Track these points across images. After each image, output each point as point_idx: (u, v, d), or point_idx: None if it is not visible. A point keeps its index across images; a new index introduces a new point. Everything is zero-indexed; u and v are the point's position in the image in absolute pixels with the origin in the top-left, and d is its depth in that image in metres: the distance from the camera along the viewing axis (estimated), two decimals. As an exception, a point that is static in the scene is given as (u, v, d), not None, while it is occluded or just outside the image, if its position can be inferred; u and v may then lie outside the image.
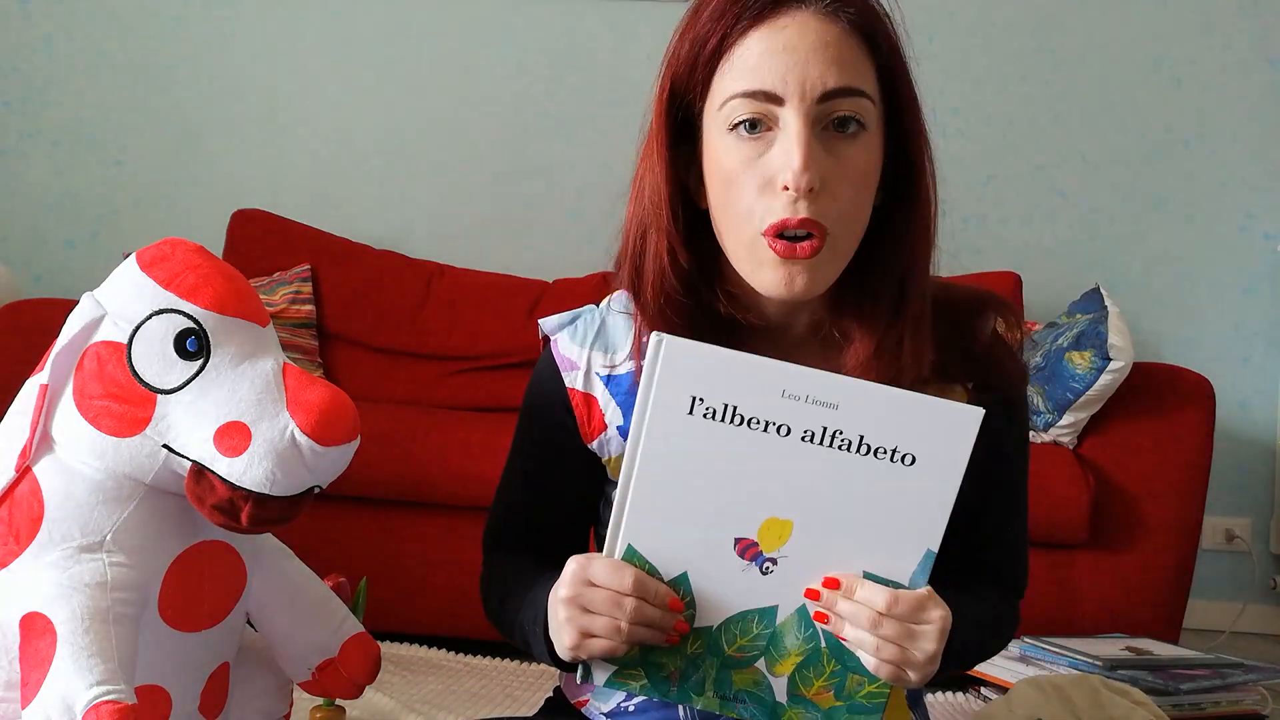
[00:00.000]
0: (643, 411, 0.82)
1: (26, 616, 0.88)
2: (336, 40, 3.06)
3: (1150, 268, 2.92)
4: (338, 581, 1.24)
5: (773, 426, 0.81)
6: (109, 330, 0.93)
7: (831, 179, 0.87)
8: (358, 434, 0.93)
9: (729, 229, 0.91)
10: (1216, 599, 2.82)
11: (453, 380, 2.72)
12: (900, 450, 0.81)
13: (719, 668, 0.87)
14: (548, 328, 1.04)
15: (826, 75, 0.86)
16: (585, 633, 0.85)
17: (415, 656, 2.13)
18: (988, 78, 2.95)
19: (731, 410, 0.81)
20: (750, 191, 0.88)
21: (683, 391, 0.81)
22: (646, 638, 0.84)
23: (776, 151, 0.87)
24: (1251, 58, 2.89)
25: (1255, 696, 1.94)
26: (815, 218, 0.86)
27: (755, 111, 0.87)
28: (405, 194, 3.05)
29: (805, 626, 0.85)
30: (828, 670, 0.86)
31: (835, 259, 0.90)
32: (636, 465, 0.83)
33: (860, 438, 0.81)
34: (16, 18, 3.09)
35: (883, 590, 0.82)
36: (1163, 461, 2.22)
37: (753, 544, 0.84)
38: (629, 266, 0.97)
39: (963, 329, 0.98)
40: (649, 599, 0.83)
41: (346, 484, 1.22)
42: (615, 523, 0.85)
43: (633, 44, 2.96)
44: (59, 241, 3.09)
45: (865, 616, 0.82)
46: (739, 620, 0.86)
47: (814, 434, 0.81)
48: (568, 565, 0.86)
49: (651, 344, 0.81)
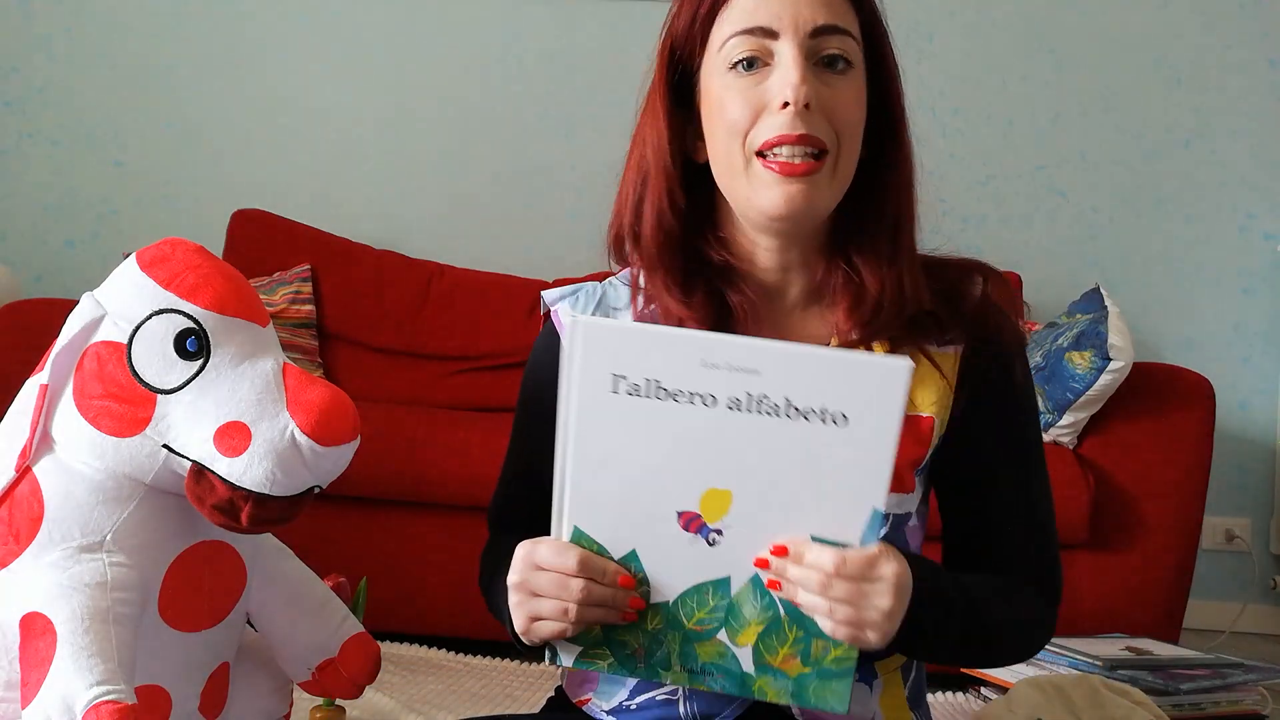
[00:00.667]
0: (568, 394, 0.82)
1: (26, 616, 0.87)
2: (337, 40, 3.06)
3: (1150, 268, 2.92)
4: (338, 581, 1.24)
5: (698, 398, 0.81)
6: (109, 330, 0.93)
7: (826, 104, 0.92)
8: (358, 434, 0.93)
9: (727, 158, 0.94)
10: (1216, 599, 2.82)
11: (453, 380, 2.72)
12: (830, 410, 0.80)
13: (681, 642, 0.87)
14: (550, 298, 1.06)
15: (817, 14, 0.92)
16: (534, 616, 0.86)
17: (415, 656, 2.13)
18: (988, 78, 2.95)
19: (654, 385, 0.81)
20: (748, 117, 0.92)
21: (604, 370, 0.81)
22: (600, 617, 0.85)
23: (774, 78, 0.92)
24: (1251, 58, 2.89)
25: (1255, 696, 1.94)
26: (813, 133, 0.90)
27: (752, 49, 0.92)
28: (405, 194, 3.05)
29: (761, 595, 0.85)
30: (791, 637, 0.86)
31: (833, 181, 0.93)
32: (570, 448, 0.83)
33: (786, 400, 0.80)
34: (16, 18, 3.09)
35: (830, 551, 0.81)
36: (1163, 461, 2.22)
37: (695, 516, 0.83)
38: (629, 214, 0.99)
39: (952, 289, 1.01)
40: (597, 578, 0.84)
41: (346, 484, 1.22)
42: (558, 506, 0.85)
43: (633, 44, 2.95)
44: (59, 241, 3.09)
45: (815, 580, 0.81)
46: (694, 593, 0.86)
47: (739, 401, 0.80)
48: (516, 550, 0.87)
49: (567, 327, 0.82)
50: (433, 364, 2.73)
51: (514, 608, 0.87)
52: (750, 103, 0.92)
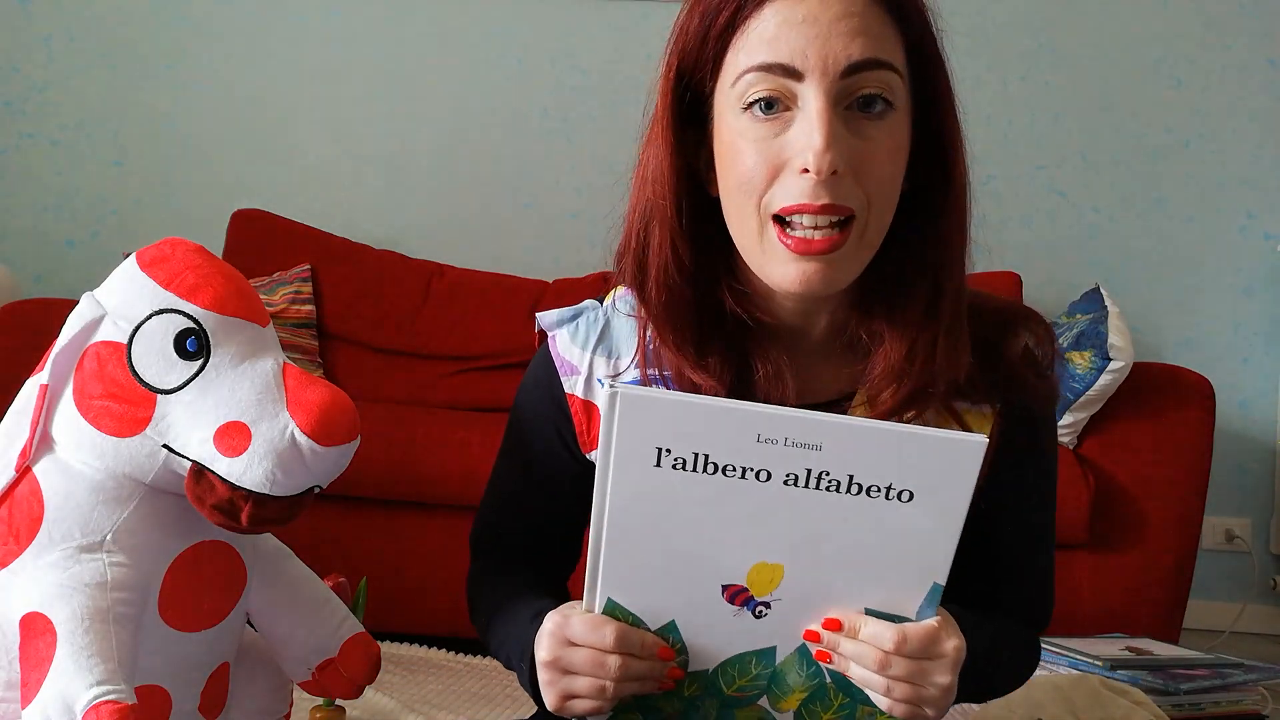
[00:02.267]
0: (605, 467, 0.76)
1: (26, 616, 0.87)
2: (337, 40, 3.06)
3: (1150, 268, 2.92)
4: (338, 581, 1.24)
5: (750, 472, 0.74)
6: (109, 330, 0.93)
7: (856, 161, 0.79)
8: (358, 434, 0.93)
9: (739, 218, 0.84)
10: (1216, 599, 2.82)
11: (453, 380, 2.72)
12: (895, 487, 0.74)
13: (719, 707, 0.83)
14: (546, 323, 0.99)
15: (851, 47, 0.78)
16: (567, 695, 0.80)
17: (415, 656, 2.13)
18: (988, 78, 2.95)
19: (703, 459, 0.74)
20: (763, 176, 0.81)
21: (646, 444, 0.74)
22: (637, 690, 0.80)
23: (795, 132, 0.80)
24: (1251, 58, 2.89)
25: (1255, 696, 1.94)
26: (838, 201, 0.79)
27: (772, 89, 0.80)
28: (405, 194, 3.05)
29: (808, 664, 0.81)
30: (835, 704, 0.82)
31: (859, 252, 0.83)
32: (606, 519, 0.77)
33: (850, 477, 0.74)
34: (16, 18, 3.09)
35: (890, 627, 0.76)
36: (1163, 461, 2.22)
37: (742, 589, 0.78)
38: (631, 262, 0.90)
39: (992, 344, 0.91)
40: (635, 652, 0.78)
41: (346, 484, 1.22)
42: (591, 575, 0.79)
43: (633, 44, 2.96)
44: (59, 241, 3.09)
45: (872, 657, 0.76)
46: (736, 662, 0.81)
47: (797, 477, 0.74)
48: (545, 622, 0.81)
49: (605, 399, 0.74)
50: (433, 364, 2.73)
51: (546, 686, 0.81)
52: (767, 159, 0.80)
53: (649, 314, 0.90)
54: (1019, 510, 0.96)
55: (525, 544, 1.05)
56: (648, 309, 0.90)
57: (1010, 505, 0.94)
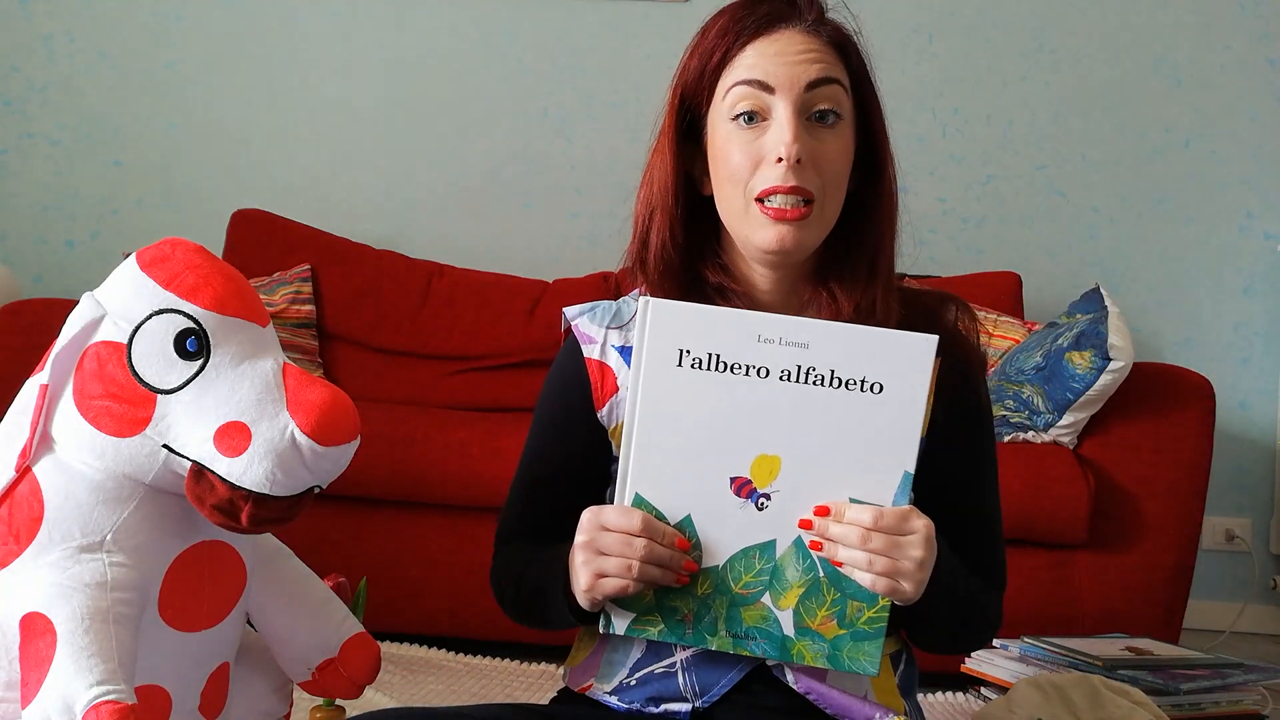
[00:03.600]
0: (638, 368, 0.92)
1: (26, 616, 0.87)
2: (337, 39, 3.06)
3: (1150, 268, 2.92)
4: (338, 581, 1.24)
5: (753, 370, 0.91)
6: (109, 330, 0.93)
7: (814, 156, 1.03)
8: (358, 434, 0.93)
9: (729, 200, 1.06)
10: (1216, 599, 2.82)
11: (453, 380, 2.72)
12: (868, 380, 0.90)
13: (729, 606, 0.94)
14: (571, 314, 1.16)
15: (811, 70, 1.04)
16: (599, 573, 0.93)
17: (415, 656, 2.13)
18: (988, 78, 2.95)
19: (715, 358, 0.91)
20: (747, 168, 1.04)
21: (671, 346, 0.91)
22: (657, 577, 0.92)
23: (770, 135, 1.04)
24: (1251, 58, 2.90)
25: (1255, 696, 1.94)
26: (802, 184, 1.02)
27: (753, 102, 1.04)
28: (405, 194, 3.05)
29: (803, 558, 0.93)
30: (828, 599, 0.93)
31: (819, 223, 1.05)
32: (637, 417, 0.92)
33: (831, 372, 0.90)
34: (16, 18, 3.09)
35: (867, 508, 0.91)
36: (1163, 461, 2.22)
37: (747, 481, 0.92)
38: (636, 243, 1.11)
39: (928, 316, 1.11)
40: (657, 539, 0.92)
41: (346, 484, 1.22)
42: (623, 473, 0.93)
43: (633, 44, 2.96)
44: (59, 241, 3.09)
45: (855, 535, 0.90)
46: (741, 557, 0.93)
47: (790, 373, 0.90)
48: (583, 515, 0.95)
49: (640, 306, 0.92)
50: (433, 364, 2.73)
51: (580, 566, 0.94)
52: (750, 155, 1.04)
53: (647, 282, 1.10)
54: (961, 447, 1.11)
55: (546, 528, 1.12)
56: (646, 277, 1.11)
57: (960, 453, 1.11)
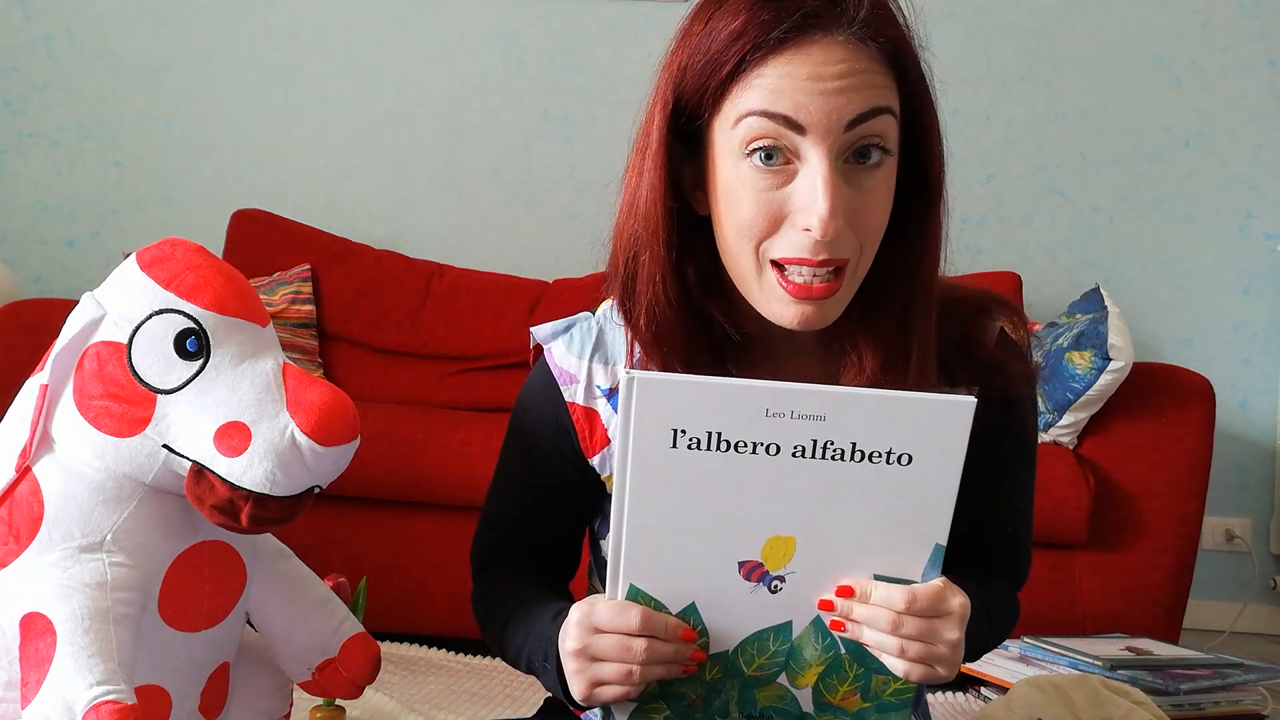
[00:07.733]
0: (624, 452, 0.79)
1: (26, 616, 0.88)
2: (336, 40, 3.06)
3: (1150, 268, 2.92)
4: (338, 581, 1.24)
5: (761, 447, 0.79)
6: (109, 330, 0.93)
7: (852, 212, 0.83)
8: (358, 434, 0.93)
9: (736, 255, 0.87)
10: (1216, 599, 2.82)
11: (453, 380, 2.72)
12: (895, 451, 0.79)
13: (740, 688, 0.86)
14: (540, 336, 1.01)
15: (853, 103, 0.82)
16: (596, 682, 0.82)
17: (415, 656, 2.13)
18: (988, 78, 2.95)
19: (716, 437, 0.78)
20: (763, 225, 0.84)
21: (663, 427, 0.78)
22: (662, 675, 0.82)
23: (799, 189, 0.83)
24: (1251, 58, 2.89)
25: (1255, 696, 1.94)
26: (835, 256, 0.84)
27: (774, 139, 0.82)
28: (405, 194, 3.05)
29: (823, 636, 0.84)
30: (851, 675, 0.85)
31: (850, 288, 0.87)
32: (626, 505, 0.80)
33: (853, 445, 0.78)
34: (16, 18, 3.09)
35: (899, 589, 0.80)
36: (1163, 461, 2.22)
37: (758, 565, 0.82)
38: (619, 288, 0.92)
39: (968, 331, 0.96)
40: (659, 635, 0.81)
41: (346, 484, 1.22)
42: (614, 563, 0.82)
43: (632, 44, 2.96)
44: (59, 241, 3.09)
45: (885, 619, 0.80)
46: (754, 640, 0.84)
47: (804, 448, 0.78)
48: (571, 613, 0.83)
49: (623, 384, 0.78)
50: (433, 364, 2.73)
51: (574, 675, 0.83)
52: (768, 210, 0.84)
53: (637, 340, 0.93)
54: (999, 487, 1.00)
55: (529, 556, 1.05)
56: (636, 335, 0.92)
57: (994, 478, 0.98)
